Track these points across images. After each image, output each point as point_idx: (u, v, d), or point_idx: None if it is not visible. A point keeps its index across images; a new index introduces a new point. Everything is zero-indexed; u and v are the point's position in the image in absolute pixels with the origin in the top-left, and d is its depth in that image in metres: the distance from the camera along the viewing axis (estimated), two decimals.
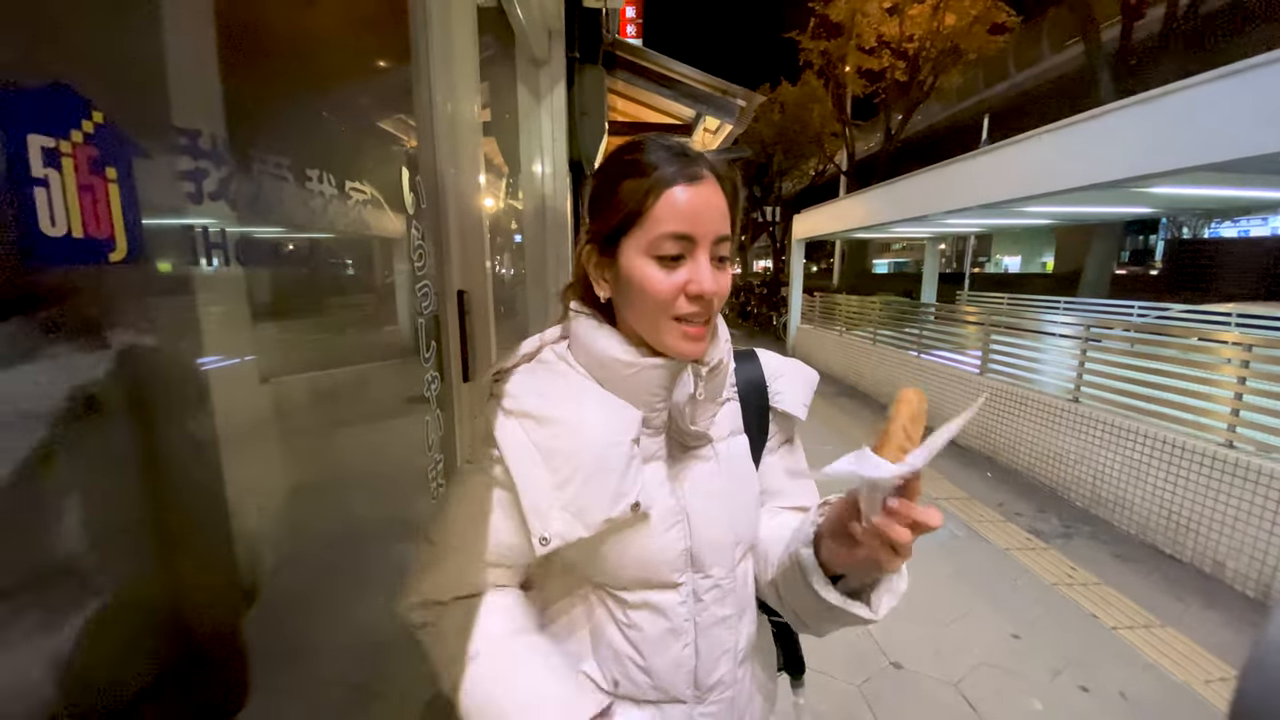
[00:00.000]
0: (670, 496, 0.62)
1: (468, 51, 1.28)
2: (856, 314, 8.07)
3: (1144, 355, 3.62)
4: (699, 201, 0.56)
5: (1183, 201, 6.08)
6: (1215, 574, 2.86)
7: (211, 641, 0.68)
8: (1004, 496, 3.96)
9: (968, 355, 5.48)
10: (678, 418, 0.62)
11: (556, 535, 0.56)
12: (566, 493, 0.57)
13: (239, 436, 0.68)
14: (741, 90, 2.95)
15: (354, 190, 0.85)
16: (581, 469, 0.57)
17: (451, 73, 1.22)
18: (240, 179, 0.62)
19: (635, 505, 0.57)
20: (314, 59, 0.91)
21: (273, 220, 0.71)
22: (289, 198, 0.72)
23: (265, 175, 0.65)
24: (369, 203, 0.91)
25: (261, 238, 0.70)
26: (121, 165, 0.48)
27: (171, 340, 0.59)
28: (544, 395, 0.61)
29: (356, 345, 1.12)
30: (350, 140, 1.02)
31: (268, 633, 0.75)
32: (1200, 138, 3.37)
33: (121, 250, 0.47)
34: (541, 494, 0.57)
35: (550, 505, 0.57)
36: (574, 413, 0.59)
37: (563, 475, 0.57)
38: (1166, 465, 3.17)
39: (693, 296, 0.57)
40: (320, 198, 0.77)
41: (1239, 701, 0.48)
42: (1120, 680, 2.16)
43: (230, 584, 0.72)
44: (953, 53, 13.69)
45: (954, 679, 2.17)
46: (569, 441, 0.58)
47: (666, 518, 0.61)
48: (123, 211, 0.47)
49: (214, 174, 0.58)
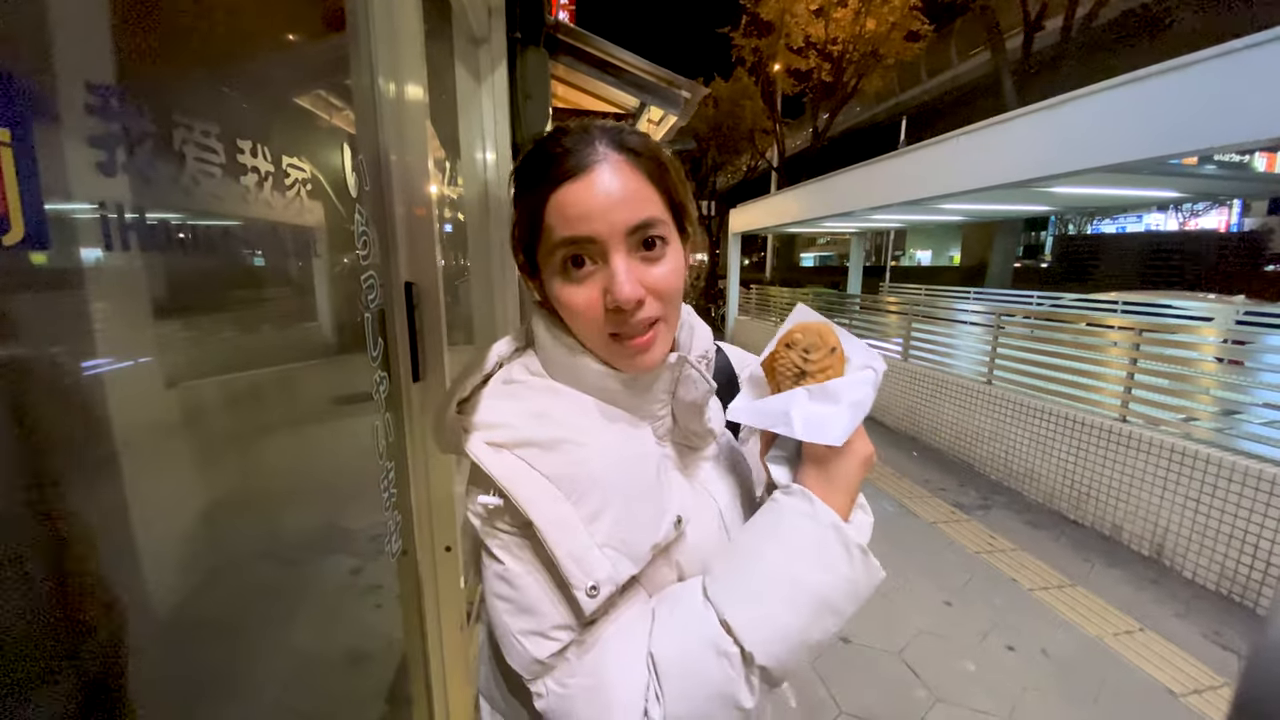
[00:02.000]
0: (703, 501, 0.59)
1: (411, 23, 1.18)
2: (789, 305, 8.36)
3: (1045, 340, 3.97)
4: (591, 194, 0.48)
5: (1079, 200, 6.71)
6: (1114, 536, 3.19)
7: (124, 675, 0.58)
8: (929, 473, 4.24)
9: (892, 343, 5.80)
10: (687, 419, 0.58)
11: (606, 580, 0.46)
12: (602, 526, 0.48)
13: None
14: (687, 81, 2.94)
15: (291, 168, 0.75)
16: (612, 497, 0.49)
17: (396, 46, 1.12)
18: (157, 147, 0.52)
19: (678, 521, 0.52)
20: (237, 20, 0.80)
21: (195, 199, 0.60)
22: (215, 173, 0.62)
23: (189, 144, 0.55)
24: (308, 182, 0.81)
25: (179, 220, 0.59)
26: (17, 127, 0.38)
27: (75, 340, 0.49)
28: (539, 416, 0.51)
29: (280, 343, 1.00)
30: (284, 114, 0.90)
31: (190, 661, 0.66)
32: (1098, 142, 3.71)
33: (17, 233, 0.38)
34: (574, 536, 0.47)
35: (588, 547, 0.47)
36: (583, 434, 0.50)
37: (591, 507, 0.48)
38: (1068, 439, 3.49)
39: (610, 309, 0.49)
40: (254, 174, 0.67)
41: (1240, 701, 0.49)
42: (1041, 638, 2.36)
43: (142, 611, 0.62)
44: (873, 56, 14.39)
45: (897, 648, 2.29)
46: (586, 466, 0.49)
47: (708, 522, 0.58)
48: (19, 184, 0.38)
49: (126, 141, 0.48)
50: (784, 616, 0.47)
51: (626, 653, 0.48)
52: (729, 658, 0.46)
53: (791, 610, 0.47)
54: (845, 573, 0.48)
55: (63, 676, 0.48)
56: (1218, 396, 2.96)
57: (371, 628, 1.30)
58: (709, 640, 0.46)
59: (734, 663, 0.46)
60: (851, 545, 0.49)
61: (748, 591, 0.48)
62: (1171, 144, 3.26)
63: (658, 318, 0.51)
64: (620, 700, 0.46)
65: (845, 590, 0.48)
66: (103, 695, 0.53)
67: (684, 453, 0.61)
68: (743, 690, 0.46)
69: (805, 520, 0.49)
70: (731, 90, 16.25)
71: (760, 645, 0.46)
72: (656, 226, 0.50)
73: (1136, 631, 2.40)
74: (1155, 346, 3.20)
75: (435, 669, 1.32)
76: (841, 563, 0.48)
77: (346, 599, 1.18)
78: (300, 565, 1.00)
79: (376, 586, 1.25)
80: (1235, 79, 2.97)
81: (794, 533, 0.50)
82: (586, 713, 0.46)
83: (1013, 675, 2.15)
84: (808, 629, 0.48)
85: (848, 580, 0.48)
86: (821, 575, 0.48)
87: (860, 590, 0.49)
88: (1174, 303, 5.98)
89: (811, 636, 0.48)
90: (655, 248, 0.50)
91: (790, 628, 0.47)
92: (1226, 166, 4.77)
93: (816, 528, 0.49)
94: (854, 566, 0.49)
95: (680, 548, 0.54)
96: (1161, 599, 2.64)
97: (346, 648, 1.18)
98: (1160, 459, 2.94)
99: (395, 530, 1.16)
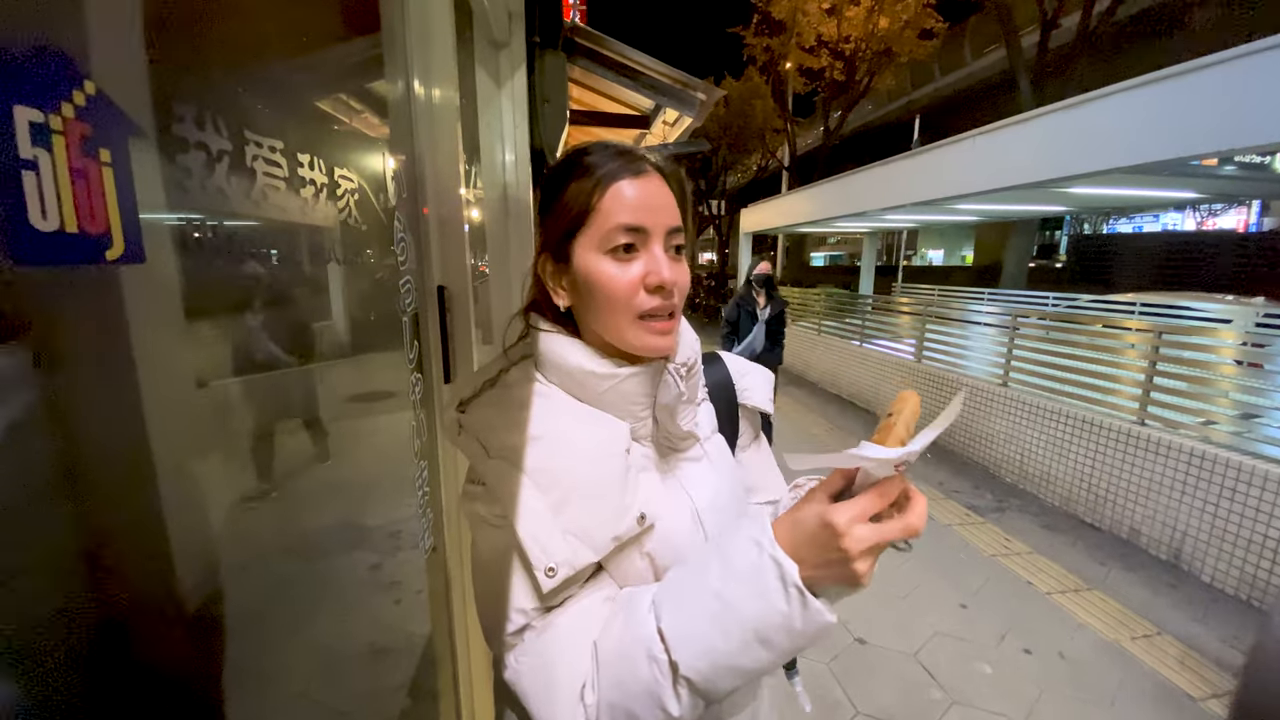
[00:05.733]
0: (679, 500, 0.61)
1: (444, 33, 1.21)
2: (800, 305, 8.34)
3: (1061, 341, 3.94)
4: (646, 193, 0.56)
5: (1096, 201, 6.66)
6: (1131, 539, 3.17)
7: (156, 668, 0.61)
8: (943, 475, 4.22)
9: (905, 344, 5.78)
10: (665, 421, 0.61)
11: (564, 564, 0.51)
12: (566, 515, 0.53)
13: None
14: (702, 83, 2.95)
15: (343, 179, 0.78)
16: (577, 488, 0.54)
17: (428, 54, 1.15)
18: (232, 164, 0.55)
19: (641, 517, 0.55)
20: (286, 36, 0.83)
21: (262, 211, 0.63)
22: (278, 188, 0.65)
23: (259, 160, 0.58)
24: (356, 192, 0.84)
25: (243, 231, 0.62)
26: (117, 146, 0.41)
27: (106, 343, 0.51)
28: (522, 418, 0.57)
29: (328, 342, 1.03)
30: (329, 125, 0.94)
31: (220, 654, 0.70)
32: (1117, 143, 3.68)
33: (119, 248, 0.41)
34: (539, 520, 0.52)
35: (550, 531, 0.52)
36: (559, 430, 0.56)
37: (557, 496, 0.53)
38: (1086, 442, 3.47)
39: (652, 288, 0.56)
40: (311, 186, 0.70)
41: (1240, 701, 0.49)
42: (1058, 641, 2.35)
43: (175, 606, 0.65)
44: (886, 55, 14.31)
45: (913, 650, 2.29)
46: (558, 460, 0.55)
47: (682, 520, 0.60)
48: (119, 201, 0.41)
49: (207, 158, 0.51)
50: (712, 636, 0.47)
51: (575, 639, 0.51)
52: (658, 664, 0.47)
53: (719, 632, 0.47)
54: (780, 607, 0.46)
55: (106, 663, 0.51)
56: (1237, 400, 2.93)
57: (401, 621, 1.34)
58: (644, 642, 0.48)
59: (662, 669, 0.47)
60: (790, 582, 0.46)
61: (683, 604, 0.49)
62: (1192, 145, 3.23)
63: (677, 308, 0.59)
64: (561, 680, 0.50)
65: (778, 625, 0.47)
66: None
67: (665, 453, 0.64)
68: (669, 696, 0.47)
69: (751, 545, 0.49)
70: (743, 89, 16.21)
71: (686, 660, 0.47)
72: (680, 235, 0.58)
73: (1154, 635, 2.39)
74: (1174, 349, 3.18)
75: (462, 663, 1.35)
76: (777, 596, 0.46)
77: (364, 593, 1.21)
78: (332, 556, 1.03)
79: (396, 581, 1.28)
80: (1257, 80, 2.94)
81: (738, 555, 0.49)
82: (532, 687, 0.51)
83: (1029, 678, 2.15)
84: (736, 655, 0.47)
85: (782, 615, 0.46)
86: (754, 604, 0.47)
87: (797, 630, 0.47)
88: (1192, 304, 5.90)
89: (741, 663, 0.47)
90: (678, 252, 0.58)
91: (717, 649, 0.47)
92: (1247, 167, 4.71)
93: (759, 555, 0.48)
94: (790, 604, 0.46)
95: (651, 541, 0.57)
96: (1179, 603, 2.63)
97: (370, 640, 1.21)
98: (1179, 462, 2.92)
99: (427, 528, 1.20)
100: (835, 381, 6.87)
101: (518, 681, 0.52)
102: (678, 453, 0.65)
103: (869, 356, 6.17)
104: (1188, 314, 5.69)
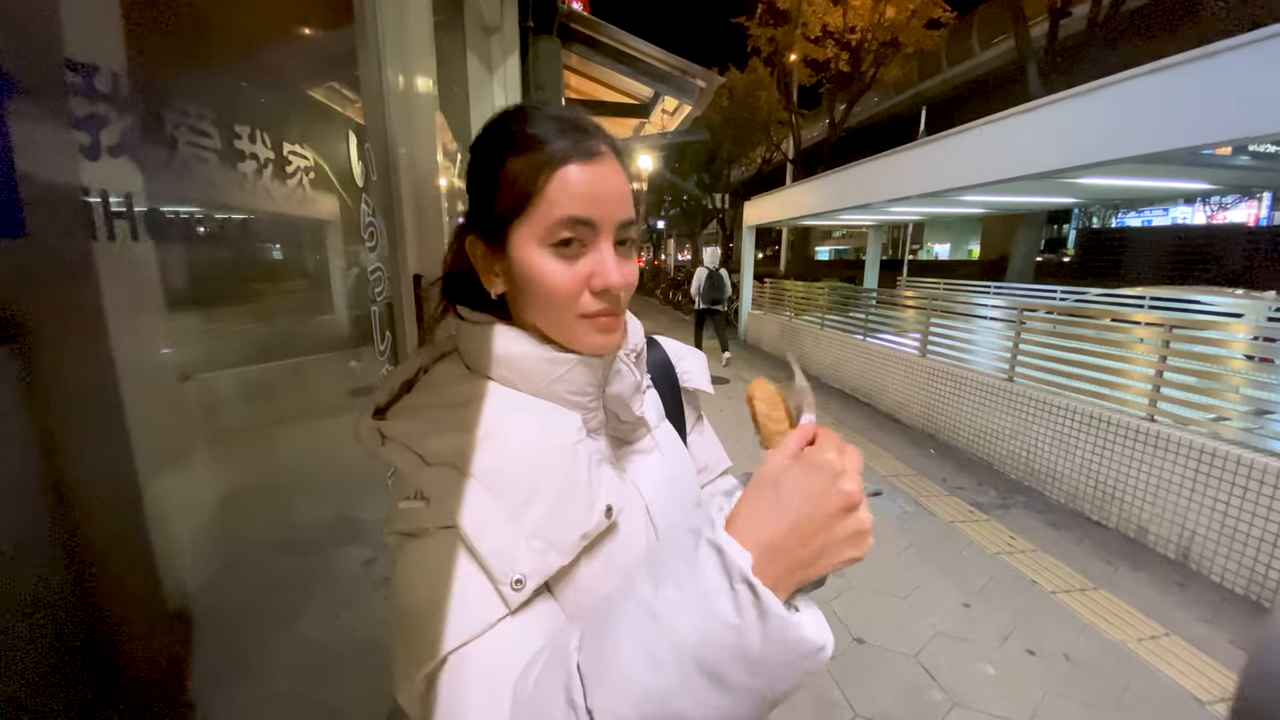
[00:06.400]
0: (630, 494, 0.56)
1: (420, 13, 1.15)
2: (804, 299, 8.26)
3: (1069, 336, 3.86)
4: (598, 181, 0.49)
5: (1105, 192, 6.53)
6: (1139, 538, 3.10)
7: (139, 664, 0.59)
8: (947, 472, 4.16)
9: (909, 338, 5.70)
10: (618, 410, 0.56)
11: (533, 573, 0.43)
12: (527, 519, 0.45)
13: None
14: (702, 70, 2.88)
15: (294, 154, 0.72)
16: (537, 487, 0.46)
17: (405, 37, 1.09)
18: (150, 131, 0.50)
19: (609, 509, 0.49)
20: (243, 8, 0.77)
21: (188, 186, 0.58)
22: (211, 160, 0.60)
23: (182, 128, 0.53)
24: (311, 170, 0.79)
25: (178, 209, 0.57)
26: None
27: (74, 331, 0.47)
28: (462, 417, 0.49)
29: (292, 336, 0.98)
30: (289, 102, 0.88)
31: (202, 652, 0.67)
32: (1127, 131, 3.58)
33: None
34: (497, 530, 0.44)
35: (512, 540, 0.44)
36: (508, 426, 0.49)
37: (516, 500, 0.45)
38: (1093, 438, 3.39)
39: (598, 291, 0.50)
40: (252, 161, 0.65)
41: (1241, 699, 0.47)
42: (1063, 642, 2.30)
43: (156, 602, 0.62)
44: (892, 45, 14.12)
45: (913, 650, 2.24)
46: (511, 457, 0.47)
47: (635, 517, 0.55)
48: None
49: (115, 123, 0.46)
50: (638, 670, 0.35)
51: (491, 676, 0.41)
52: (575, 711, 0.36)
53: (648, 662, 0.35)
54: (726, 615, 0.34)
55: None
56: (1248, 395, 2.86)
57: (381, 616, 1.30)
58: (561, 680, 0.38)
59: (580, 716, 0.36)
60: (737, 575, 0.35)
61: (607, 629, 0.38)
62: (1205, 134, 3.14)
63: (624, 306, 0.54)
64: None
65: (729, 647, 0.34)
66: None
67: (616, 445, 0.59)
68: None
69: (688, 537, 0.38)
70: (747, 81, 16.06)
71: (605, 704, 0.35)
72: (631, 229, 0.52)
73: (1162, 636, 2.33)
74: (1184, 343, 3.10)
75: None
76: (720, 599, 0.35)
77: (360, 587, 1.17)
78: (314, 551, 0.99)
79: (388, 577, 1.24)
80: (1272, 67, 2.84)
81: (673, 553, 0.39)
82: None
83: (1033, 679, 2.09)
84: (673, 696, 0.35)
85: (730, 629, 0.34)
86: (691, 616, 0.35)
87: (756, 654, 0.34)
88: (1202, 298, 5.79)
89: (679, 707, 0.35)
90: (626, 245, 0.52)
91: (646, 688, 0.35)
92: (1261, 157, 4.59)
93: (694, 546, 0.37)
94: (741, 609, 0.34)
95: (611, 542, 0.50)
96: (1188, 603, 2.56)
97: (363, 637, 1.18)
98: (1188, 459, 2.85)
99: None
100: (838, 376, 6.80)
101: None
102: (628, 444, 0.60)
103: (872, 351, 6.09)
104: (1198, 308, 5.59)
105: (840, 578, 2.72)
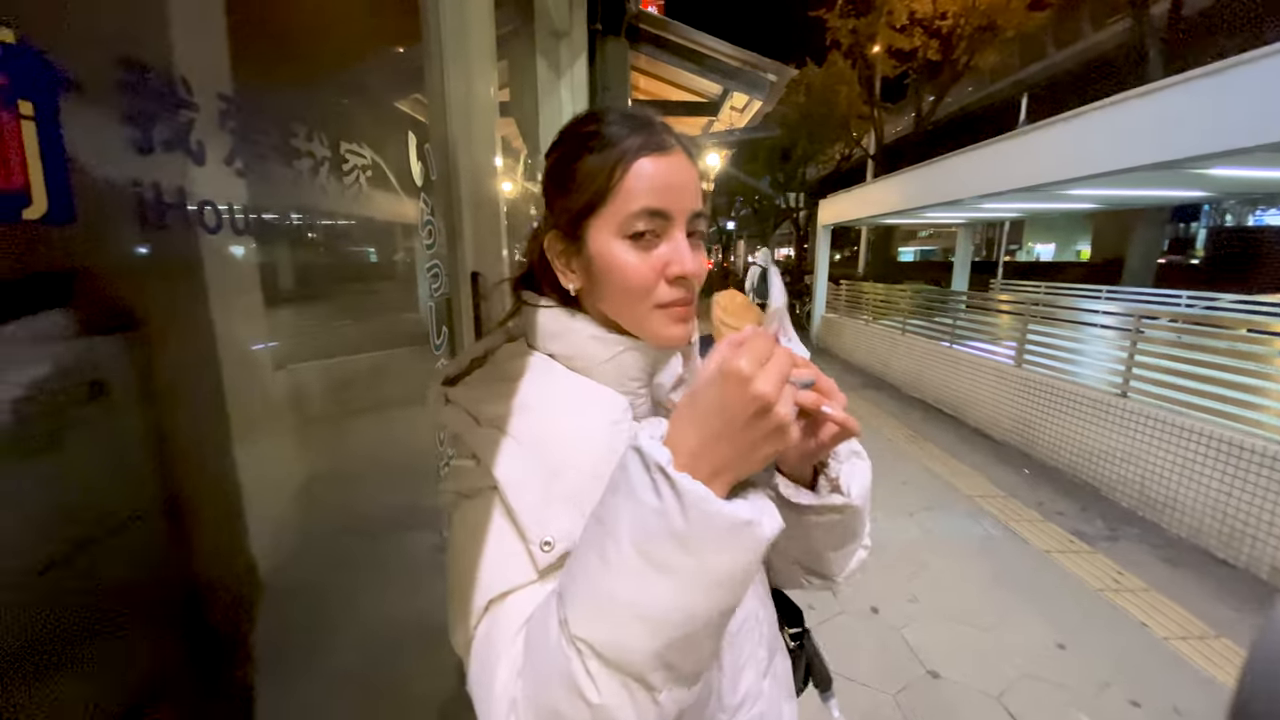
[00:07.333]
0: None
1: (483, 25, 1.18)
2: (884, 303, 7.83)
3: (1196, 348, 3.40)
4: (671, 173, 0.52)
5: (1240, 184, 5.71)
6: (1273, 580, 2.68)
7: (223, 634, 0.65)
8: (1043, 495, 3.78)
9: (1003, 346, 5.25)
10: (664, 400, 0.59)
11: (563, 535, 0.45)
12: (559, 486, 0.47)
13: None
14: (772, 64, 2.78)
15: (350, 153, 0.75)
16: (571, 458, 0.49)
17: (467, 46, 1.11)
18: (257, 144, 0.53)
19: None
20: (315, 23, 0.81)
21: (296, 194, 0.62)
22: (275, 159, 0.62)
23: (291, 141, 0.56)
24: (370, 168, 0.81)
25: (262, 205, 0.61)
26: (43, 97, 0.38)
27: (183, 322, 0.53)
28: (515, 388, 0.53)
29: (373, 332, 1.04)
30: (353, 107, 0.92)
31: (283, 626, 0.73)
32: (1268, 114, 3.11)
33: (39, 206, 0.38)
34: (534, 489, 0.47)
35: (548, 500, 0.46)
36: (554, 398, 0.53)
37: (550, 466, 0.48)
38: (1222, 464, 2.97)
39: (674, 279, 0.52)
40: (310, 159, 0.67)
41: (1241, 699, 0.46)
42: (1174, 695, 2.01)
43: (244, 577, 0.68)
44: (989, 30, 13.09)
45: (995, 691, 2.04)
46: (551, 428, 0.51)
47: None
48: (43, 156, 0.38)
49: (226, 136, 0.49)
50: (594, 573, 0.39)
51: (513, 621, 0.44)
52: (560, 626, 0.39)
53: (600, 560, 0.39)
54: (652, 503, 0.38)
55: None
56: None
57: None
58: (550, 604, 0.41)
59: (564, 633, 0.38)
60: (654, 468, 0.38)
61: (578, 550, 0.42)
62: None
63: (696, 296, 0.56)
64: (499, 673, 0.42)
65: (659, 532, 0.37)
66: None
67: None
68: (580, 674, 0.37)
69: (628, 451, 0.41)
70: (825, 76, 15.45)
71: (576, 615, 0.38)
72: (700, 220, 0.54)
73: None
74: None
75: None
76: (643, 489, 0.38)
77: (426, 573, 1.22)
78: (388, 535, 1.03)
79: None
80: None
81: (616, 469, 0.41)
82: (477, 678, 0.44)
83: None
84: (622, 588, 0.38)
85: (655, 513, 0.37)
86: (627, 512, 0.39)
87: (680, 531, 0.37)
88: None
89: (639, 601, 0.37)
90: (695, 237, 0.54)
91: (604, 589, 0.38)
92: None
93: (627, 455, 0.40)
94: (661, 495, 0.37)
95: None
96: None
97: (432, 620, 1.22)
98: None
99: None
100: (918, 385, 6.38)
101: (469, 679, 0.45)
102: None
103: (959, 359, 5.66)
104: None
105: (913, 603, 2.53)
